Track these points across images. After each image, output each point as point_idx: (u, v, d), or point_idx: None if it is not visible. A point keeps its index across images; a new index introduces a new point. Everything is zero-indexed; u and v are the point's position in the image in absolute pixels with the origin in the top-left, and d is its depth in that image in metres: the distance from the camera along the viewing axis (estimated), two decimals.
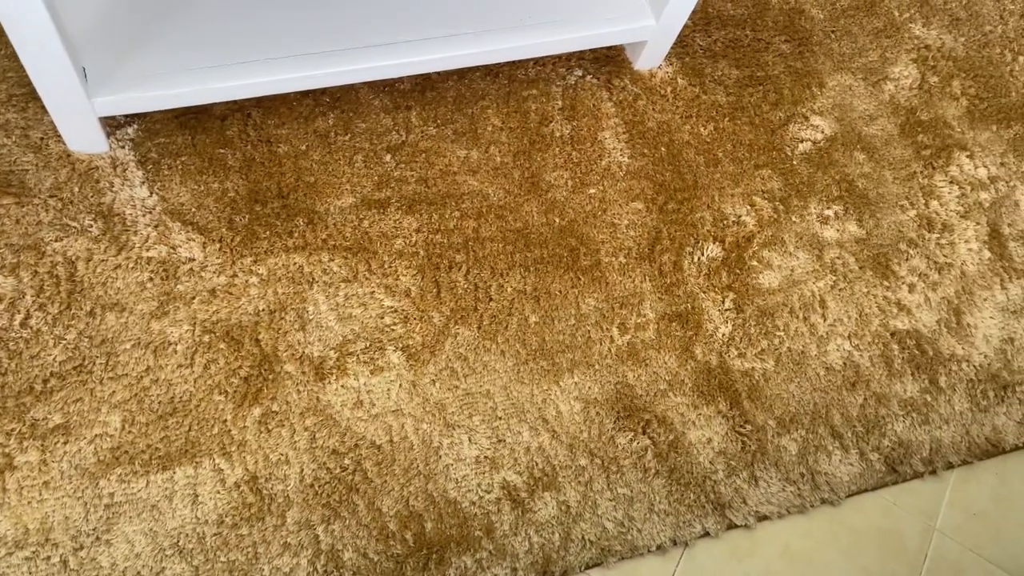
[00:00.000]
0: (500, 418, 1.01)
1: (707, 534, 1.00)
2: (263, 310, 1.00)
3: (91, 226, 0.99)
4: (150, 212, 1.01)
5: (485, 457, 0.99)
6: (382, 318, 1.02)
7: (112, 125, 1.04)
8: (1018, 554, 1.07)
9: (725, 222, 1.17)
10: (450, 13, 1.09)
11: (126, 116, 1.05)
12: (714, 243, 1.15)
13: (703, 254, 1.14)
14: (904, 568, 1.03)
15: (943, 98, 1.33)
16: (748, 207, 1.18)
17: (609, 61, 1.23)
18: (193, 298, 0.99)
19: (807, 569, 1.01)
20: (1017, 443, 1.12)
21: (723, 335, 1.10)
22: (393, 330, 1.02)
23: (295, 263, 1.03)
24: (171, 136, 1.05)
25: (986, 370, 1.15)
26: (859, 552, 1.03)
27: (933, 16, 1.39)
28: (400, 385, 1.00)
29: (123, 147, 1.03)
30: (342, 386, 0.98)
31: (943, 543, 1.06)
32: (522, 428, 1.01)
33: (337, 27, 1.05)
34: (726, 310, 1.11)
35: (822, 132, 1.26)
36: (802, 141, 1.24)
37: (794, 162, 1.23)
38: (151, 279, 0.98)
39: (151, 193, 1.02)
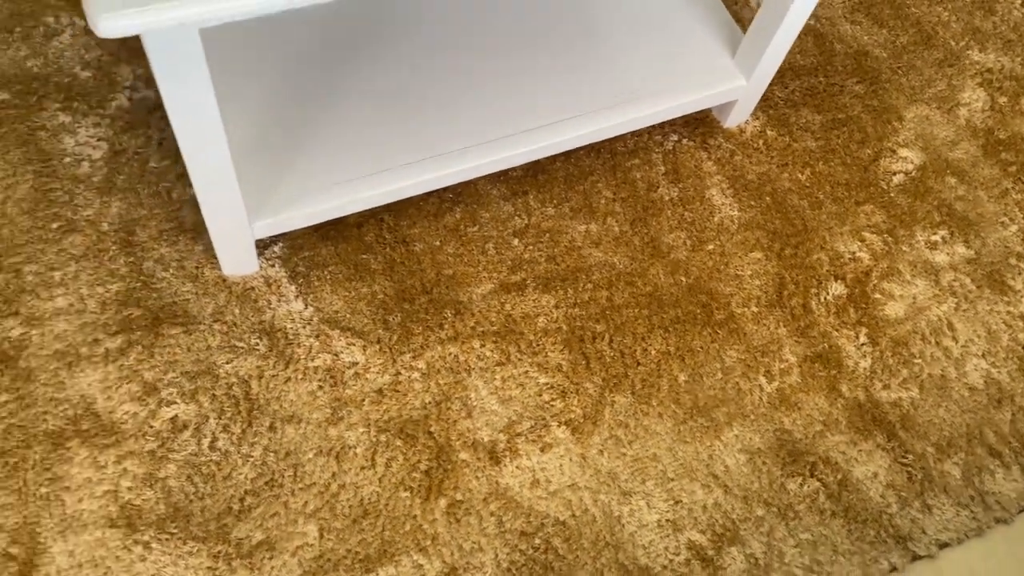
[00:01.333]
0: (672, 479, 1.02)
1: (894, 569, 1.01)
2: (429, 403, 1.03)
3: (257, 344, 1.03)
4: (309, 323, 1.05)
5: (666, 520, 1.00)
6: (540, 395, 1.05)
7: (260, 246, 1.09)
8: None
9: (841, 260, 1.20)
10: (557, 99, 1.15)
11: (272, 236, 1.10)
12: (836, 281, 1.18)
13: (828, 293, 1.17)
14: None
15: (1015, 116, 1.38)
16: (859, 243, 1.22)
17: (700, 123, 1.29)
18: (363, 400, 1.02)
19: None
20: None
21: (864, 369, 1.12)
22: (553, 406, 1.05)
23: (451, 353, 1.06)
24: (315, 249, 1.10)
25: None
26: None
27: (987, 41, 1.46)
28: (570, 459, 1.02)
29: (272, 265, 1.08)
30: (517, 467, 1.01)
31: None
32: (694, 487, 1.02)
33: (458, 127, 1.10)
34: (861, 344, 1.14)
35: (911, 163, 1.31)
36: (895, 174, 1.29)
37: (892, 194, 1.27)
38: (320, 387, 1.02)
39: (306, 305, 1.06)
